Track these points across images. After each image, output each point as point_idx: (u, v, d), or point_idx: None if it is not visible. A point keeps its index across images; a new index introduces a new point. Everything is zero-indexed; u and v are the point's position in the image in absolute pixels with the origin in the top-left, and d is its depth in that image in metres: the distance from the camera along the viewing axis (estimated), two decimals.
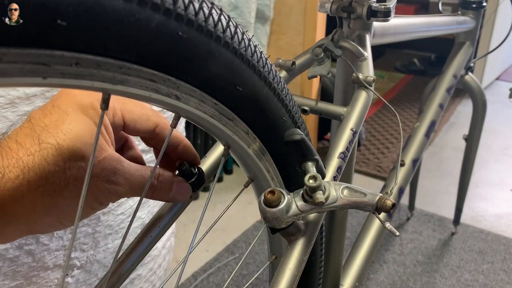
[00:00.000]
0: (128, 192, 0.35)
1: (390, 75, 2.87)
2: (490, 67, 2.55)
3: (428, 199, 1.60)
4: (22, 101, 0.41)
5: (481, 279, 1.24)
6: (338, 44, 0.58)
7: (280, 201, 0.36)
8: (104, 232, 0.53)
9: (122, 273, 0.40)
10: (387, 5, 0.57)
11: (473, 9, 1.02)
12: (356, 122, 0.52)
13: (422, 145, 0.91)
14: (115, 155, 0.35)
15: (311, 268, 0.53)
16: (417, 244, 1.39)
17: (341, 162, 0.48)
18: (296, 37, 1.52)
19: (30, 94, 0.41)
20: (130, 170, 0.35)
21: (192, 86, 0.28)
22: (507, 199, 1.61)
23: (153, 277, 0.64)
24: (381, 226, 0.81)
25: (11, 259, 0.44)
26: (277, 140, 0.38)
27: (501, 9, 2.30)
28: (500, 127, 2.16)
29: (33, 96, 0.42)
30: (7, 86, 0.21)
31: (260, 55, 0.33)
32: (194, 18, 0.25)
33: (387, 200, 0.37)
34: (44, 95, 0.42)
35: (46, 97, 0.42)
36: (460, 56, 1.03)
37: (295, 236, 0.40)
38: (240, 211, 1.50)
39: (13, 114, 0.40)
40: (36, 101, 0.42)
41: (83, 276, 0.52)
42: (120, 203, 0.53)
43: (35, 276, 0.46)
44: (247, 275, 1.25)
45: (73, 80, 0.22)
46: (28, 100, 0.41)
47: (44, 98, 0.42)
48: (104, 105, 0.25)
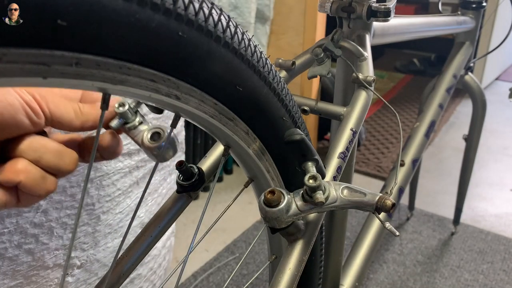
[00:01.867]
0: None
1: (390, 75, 2.87)
2: (490, 67, 2.55)
3: (428, 199, 1.60)
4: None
5: (481, 279, 1.24)
6: (338, 44, 0.58)
7: (280, 201, 0.36)
8: (104, 231, 0.53)
9: (122, 273, 0.40)
10: (387, 5, 0.57)
11: (473, 9, 1.02)
12: (356, 122, 0.52)
13: (422, 145, 0.91)
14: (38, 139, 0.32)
15: (311, 268, 0.53)
16: (417, 244, 1.39)
17: (341, 162, 0.48)
18: (296, 37, 1.52)
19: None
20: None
21: (192, 86, 0.28)
22: (507, 199, 1.61)
23: (153, 277, 0.64)
24: (381, 226, 0.81)
25: (10, 258, 0.44)
26: (277, 140, 0.38)
27: (501, 9, 2.30)
28: (500, 127, 2.16)
29: None
30: (7, 86, 0.21)
31: (260, 55, 0.33)
32: (194, 18, 0.25)
33: (387, 200, 0.37)
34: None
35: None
36: (460, 56, 1.03)
37: (295, 236, 0.40)
38: (240, 211, 1.50)
39: None
40: None
41: (83, 275, 0.52)
42: (118, 202, 0.54)
43: (35, 276, 0.46)
44: (247, 275, 1.25)
45: (73, 80, 0.22)
46: None
47: None
48: (104, 105, 0.25)
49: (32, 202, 0.35)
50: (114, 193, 0.52)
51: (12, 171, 0.32)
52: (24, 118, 0.32)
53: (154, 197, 0.60)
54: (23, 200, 0.34)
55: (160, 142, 0.35)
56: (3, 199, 0.33)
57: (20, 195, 0.34)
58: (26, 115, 0.32)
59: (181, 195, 0.43)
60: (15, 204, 0.34)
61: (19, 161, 0.32)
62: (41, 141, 0.33)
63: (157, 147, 0.35)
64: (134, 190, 0.55)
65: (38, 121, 0.33)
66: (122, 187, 0.53)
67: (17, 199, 0.34)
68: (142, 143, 0.35)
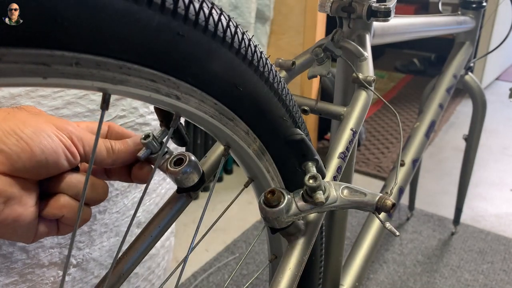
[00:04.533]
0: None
1: (390, 75, 2.87)
2: (490, 67, 2.55)
3: (428, 199, 1.60)
4: (7, 100, 0.41)
5: (481, 279, 1.24)
6: (338, 44, 0.58)
7: (280, 201, 0.36)
8: (100, 231, 0.53)
9: (122, 273, 0.40)
10: (387, 5, 0.57)
11: (473, 9, 1.02)
12: (356, 122, 0.52)
13: (422, 145, 0.91)
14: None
15: (311, 268, 0.53)
16: (417, 244, 1.39)
17: (341, 162, 0.48)
18: (296, 37, 1.52)
19: (15, 94, 0.41)
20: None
21: (192, 86, 0.28)
22: (507, 199, 1.61)
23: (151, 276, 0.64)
24: (381, 226, 0.81)
25: (4, 255, 0.44)
26: (277, 140, 0.38)
27: (501, 9, 2.30)
28: (500, 127, 2.16)
29: (18, 96, 0.42)
30: (7, 86, 0.21)
31: (260, 55, 0.33)
32: (194, 18, 0.25)
33: (387, 200, 0.37)
34: (29, 95, 0.42)
35: (30, 96, 0.42)
36: (460, 56, 1.03)
37: (295, 236, 0.40)
38: (240, 211, 1.50)
39: None
40: (21, 100, 0.42)
41: (80, 274, 0.52)
42: (115, 202, 0.54)
43: (30, 273, 0.46)
44: (247, 275, 1.25)
45: (73, 80, 0.22)
46: (13, 99, 0.41)
47: (28, 97, 0.42)
48: (104, 105, 0.25)
49: (69, 231, 0.39)
50: (111, 192, 0.52)
51: (56, 207, 0.36)
52: (65, 162, 0.35)
53: (152, 197, 0.60)
54: (62, 230, 0.38)
55: (182, 167, 0.38)
56: (46, 230, 0.37)
57: (60, 225, 0.38)
58: (66, 159, 0.35)
59: (181, 195, 0.43)
60: (55, 233, 0.38)
61: (61, 197, 0.36)
62: (78, 178, 0.37)
63: (181, 171, 0.38)
64: (132, 190, 0.55)
65: (75, 162, 0.37)
66: (119, 187, 0.53)
67: (57, 229, 0.38)
68: (166, 169, 0.38)
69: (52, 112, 0.44)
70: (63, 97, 0.45)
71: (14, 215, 0.33)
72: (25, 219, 0.34)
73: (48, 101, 0.44)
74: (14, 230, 0.35)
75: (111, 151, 0.38)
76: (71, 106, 0.45)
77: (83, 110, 0.46)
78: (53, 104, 0.44)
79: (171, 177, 0.39)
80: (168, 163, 0.39)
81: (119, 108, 0.50)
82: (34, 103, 0.43)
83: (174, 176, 0.39)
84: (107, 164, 0.39)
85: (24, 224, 0.35)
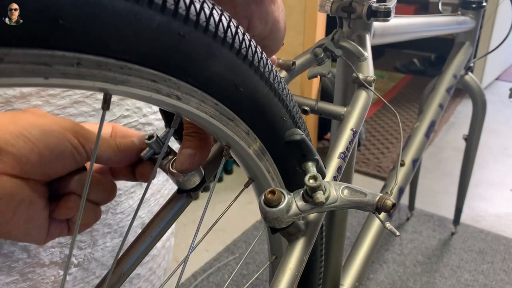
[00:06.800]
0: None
1: (390, 75, 2.87)
2: (490, 67, 2.55)
3: (428, 199, 1.60)
4: (18, 99, 0.41)
5: (481, 279, 1.24)
6: (338, 44, 0.58)
7: (281, 201, 0.36)
8: (103, 231, 0.53)
9: (122, 273, 0.40)
10: (387, 5, 0.57)
11: (473, 9, 1.02)
12: (356, 122, 0.52)
13: (422, 145, 0.91)
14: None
15: (311, 268, 0.53)
16: (417, 244, 1.39)
17: (341, 162, 0.48)
18: (296, 37, 1.52)
19: (26, 93, 0.41)
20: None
21: (193, 86, 0.28)
22: (507, 199, 1.61)
23: (153, 277, 0.64)
24: (381, 226, 0.81)
25: (5, 254, 0.44)
26: (278, 140, 0.38)
27: (501, 9, 2.30)
28: (500, 127, 2.16)
29: (28, 95, 0.42)
30: (8, 86, 0.21)
31: (261, 55, 0.33)
32: (195, 18, 0.25)
33: (387, 200, 0.37)
34: (39, 94, 0.42)
35: (40, 95, 0.42)
36: (460, 56, 1.03)
37: (295, 236, 0.40)
38: (240, 211, 1.50)
39: None
40: (31, 99, 0.42)
41: (81, 274, 0.52)
42: (119, 202, 0.54)
43: (30, 273, 0.46)
44: (247, 275, 1.25)
45: (74, 80, 0.22)
46: (23, 99, 0.41)
47: (38, 96, 0.42)
48: (105, 105, 0.25)
49: (81, 230, 0.40)
50: None
51: (66, 207, 0.36)
52: (72, 162, 0.36)
53: (156, 197, 0.60)
54: (73, 229, 0.38)
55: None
56: (57, 230, 0.38)
57: (71, 225, 0.38)
58: (73, 159, 0.36)
59: (181, 195, 0.43)
60: (66, 234, 0.39)
61: (71, 197, 0.37)
62: (86, 177, 0.37)
63: (182, 174, 0.38)
64: (136, 190, 0.55)
65: (82, 162, 0.37)
66: (123, 187, 0.53)
67: (68, 229, 0.39)
68: (168, 170, 0.39)
69: (59, 111, 0.44)
70: (71, 96, 0.45)
71: (26, 217, 0.34)
72: (37, 220, 0.35)
73: (56, 100, 0.44)
74: (27, 232, 0.35)
75: (117, 149, 0.39)
76: (78, 105, 0.45)
77: (89, 109, 0.46)
78: (61, 103, 0.44)
79: (172, 178, 0.39)
80: (170, 164, 0.39)
81: (124, 107, 0.50)
82: (43, 102, 0.43)
83: (176, 178, 0.39)
84: (114, 162, 0.39)
85: (36, 226, 0.35)
